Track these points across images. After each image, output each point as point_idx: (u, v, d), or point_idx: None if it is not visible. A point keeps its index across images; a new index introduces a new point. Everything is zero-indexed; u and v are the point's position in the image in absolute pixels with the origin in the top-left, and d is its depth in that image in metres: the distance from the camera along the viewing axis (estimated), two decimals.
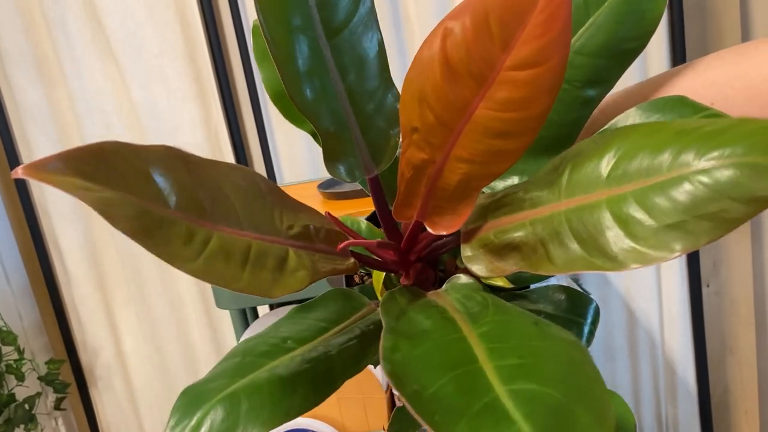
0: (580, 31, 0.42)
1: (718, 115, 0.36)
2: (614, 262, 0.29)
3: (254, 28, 0.48)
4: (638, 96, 0.45)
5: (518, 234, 0.35)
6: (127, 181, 0.27)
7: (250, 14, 1.24)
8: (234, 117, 1.29)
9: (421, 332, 0.31)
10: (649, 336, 1.31)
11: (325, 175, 1.30)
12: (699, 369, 1.30)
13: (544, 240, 0.33)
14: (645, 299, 1.29)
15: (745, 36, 1.13)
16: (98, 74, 1.29)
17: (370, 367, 0.97)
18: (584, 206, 0.31)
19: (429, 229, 0.39)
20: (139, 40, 1.25)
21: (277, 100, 0.48)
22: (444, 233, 0.38)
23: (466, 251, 0.38)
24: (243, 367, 0.34)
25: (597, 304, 0.52)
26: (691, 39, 1.16)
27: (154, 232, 0.27)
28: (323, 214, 0.41)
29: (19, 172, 0.23)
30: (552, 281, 0.57)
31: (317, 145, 1.47)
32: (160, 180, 0.29)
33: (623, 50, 0.42)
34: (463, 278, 0.38)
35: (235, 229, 0.32)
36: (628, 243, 0.29)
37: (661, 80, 0.42)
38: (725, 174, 0.26)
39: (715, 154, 0.27)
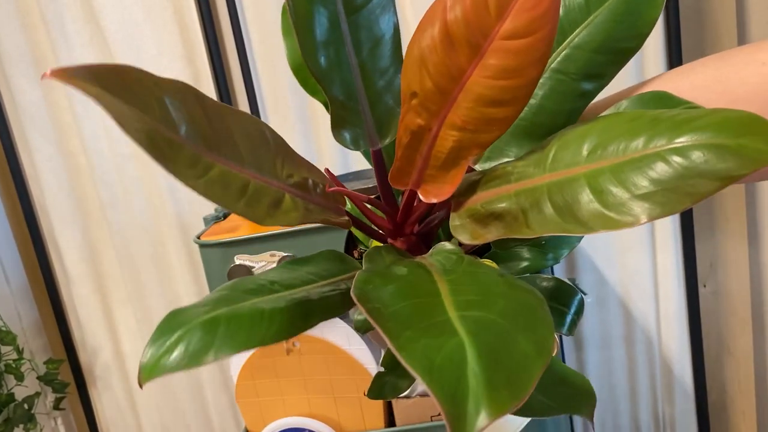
0: (580, 27, 0.45)
1: (697, 108, 0.38)
2: (584, 226, 0.32)
3: (283, 8, 0.51)
4: (628, 95, 0.47)
5: (502, 204, 0.37)
6: (141, 101, 0.29)
7: (248, 16, 1.25)
8: None
9: (396, 276, 0.34)
10: (646, 336, 1.31)
11: None
12: (696, 369, 1.31)
13: (525, 209, 0.35)
14: (642, 299, 1.29)
15: (741, 39, 1.13)
16: None
17: (367, 367, 0.97)
18: (565, 179, 0.34)
19: (421, 197, 0.41)
20: (137, 41, 1.26)
21: (297, 72, 0.51)
22: (435, 201, 0.41)
23: (454, 221, 0.40)
24: (227, 299, 0.36)
25: (582, 297, 0.54)
26: (687, 42, 1.16)
27: (161, 149, 0.29)
28: (323, 171, 0.44)
29: (48, 74, 0.26)
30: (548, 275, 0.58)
31: (314, 146, 1.47)
32: (173, 108, 0.31)
33: (620, 48, 0.44)
34: (447, 245, 0.40)
35: (236, 165, 0.35)
36: (598, 209, 0.31)
37: (649, 82, 0.44)
38: (695, 153, 0.29)
39: (686, 137, 0.30)
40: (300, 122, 1.28)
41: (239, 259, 1.06)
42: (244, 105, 1.30)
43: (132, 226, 1.35)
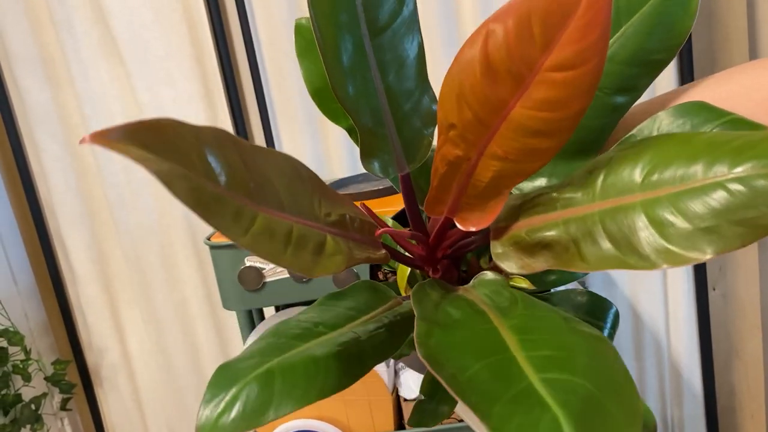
0: (612, 39, 0.43)
1: (740, 119, 0.37)
2: (646, 261, 0.30)
3: (297, 27, 0.49)
4: (662, 105, 0.46)
5: (550, 233, 0.35)
6: (182, 157, 0.28)
7: (257, 16, 1.25)
8: (240, 118, 1.29)
9: (453, 321, 0.32)
10: (655, 339, 1.31)
11: (328, 176, 1.30)
12: (705, 372, 1.31)
13: (577, 239, 0.34)
14: (651, 302, 1.29)
15: (752, 43, 1.13)
16: (105, 76, 1.29)
17: (377, 368, 0.97)
18: (618, 208, 0.32)
19: (459, 225, 0.40)
20: (146, 41, 1.25)
21: (315, 95, 0.49)
22: (473, 229, 0.39)
23: (496, 248, 0.39)
24: (276, 347, 0.35)
25: (617, 309, 0.53)
26: (698, 46, 1.16)
27: (208, 206, 0.28)
28: (358, 205, 0.42)
29: (87, 139, 0.24)
30: (569, 286, 0.58)
31: (322, 146, 1.47)
32: (212, 159, 0.30)
33: (652, 60, 0.43)
34: (489, 275, 0.39)
35: (278, 211, 0.33)
36: (661, 243, 0.29)
37: (684, 90, 0.43)
38: (760, 182, 0.27)
39: (749, 165, 0.28)
40: (308, 124, 1.27)
41: (249, 261, 1.05)
42: (252, 106, 1.30)
43: (139, 226, 1.35)
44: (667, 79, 1.17)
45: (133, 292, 1.41)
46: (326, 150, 1.29)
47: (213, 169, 0.29)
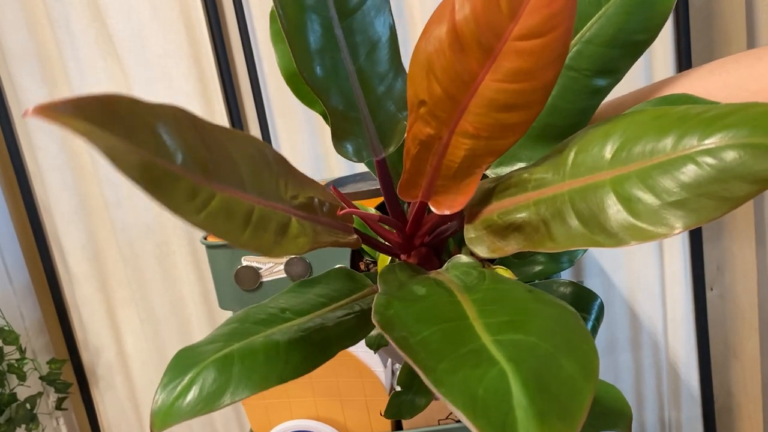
0: (591, 21, 0.43)
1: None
2: (614, 238, 0.29)
3: (271, 13, 0.49)
4: (650, 94, 0.45)
5: (521, 215, 0.35)
6: (133, 133, 0.27)
7: (254, 15, 1.24)
8: (238, 117, 1.29)
9: (416, 297, 0.32)
10: (652, 339, 1.31)
11: (327, 176, 1.29)
12: (702, 373, 1.30)
13: (547, 220, 0.33)
14: (648, 302, 1.29)
15: (751, 40, 1.13)
16: (102, 74, 1.29)
17: (374, 369, 0.97)
18: (588, 186, 0.32)
19: (433, 209, 0.39)
20: (143, 40, 1.25)
21: (290, 80, 0.49)
22: (448, 212, 0.39)
23: (469, 233, 0.38)
24: (239, 332, 0.34)
25: (602, 301, 0.53)
26: (697, 44, 1.16)
27: (158, 184, 0.27)
28: (329, 188, 0.42)
29: (29, 113, 0.23)
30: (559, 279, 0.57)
31: (320, 145, 1.46)
32: (167, 137, 0.29)
33: (633, 42, 0.42)
34: (463, 258, 0.38)
35: (239, 191, 0.32)
36: (628, 220, 0.29)
37: (673, 81, 0.42)
38: (729, 154, 0.27)
39: (719, 135, 0.27)
40: (306, 122, 1.27)
41: (246, 261, 1.05)
42: (249, 106, 1.29)
43: (136, 225, 1.35)
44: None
45: (130, 291, 1.41)
46: (324, 149, 1.28)
47: (167, 147, 0.28)
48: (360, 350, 0.91)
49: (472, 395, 0.23)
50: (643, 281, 1.27)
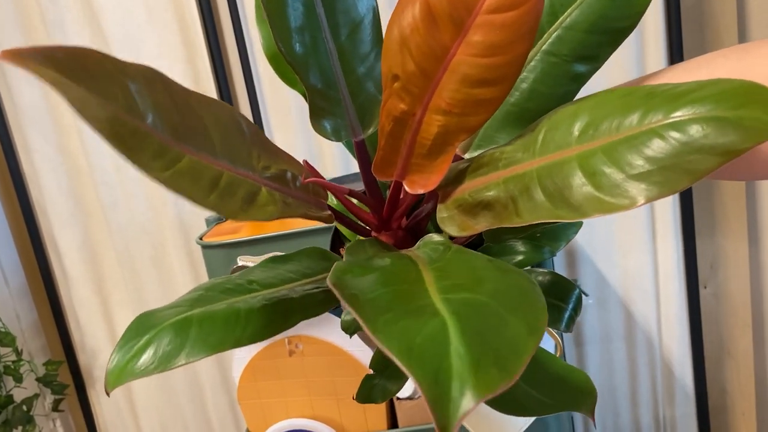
0: (572, 6, 0.43)
1: None
2: (576, 211, 0.30)
3: None
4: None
5: (491, 193, 0.35)
6: (102, 87, 0.27)
7: (249, 16, 1.25)
8: None
9: (378, 266, 0.32)
10: (646, 337, 1.31)
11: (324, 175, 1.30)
12: (696, 371, 1.31)
13: (515, 197, 0.33)
14: (642, 300, 1.29)
15: (742, 38, 1.13)
16: None
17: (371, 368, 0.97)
18: (555, 163, 0.32)
19: (407, 188, 0.39)
20: (138, 42, 1.25)
21: (272, 59, 0.49)
22: (421, 191, 0.39)
23: (441, 212, 0.38)
24: (203, 299, 0.35)
25: (580, 291, 0.52)
26: (688, 42, 1.16)
27: (126, 140, 0.27)
28: (302, 162, 0.42)
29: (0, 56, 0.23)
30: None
31: (315, 145, 1.46)
32: (137, 95, 0.29)
33: (614, 28, 0.42)
34: (435, 237, 0.38)
35: (209, 157, 0.32)
36: (591, 192, 0.29)
37: (660, 74, 0.42)
38: (693, 127, 0.27)
39: (684, 110, 0.28)
40: (301, 122, 1.27)
41: (242, 261, 1.05)
42: (245, 104, 1.30)
43: (132, 227, 1.35)
44: None
45: (126, 292, 1.41)
46: (319, 149, 1.29)
47: (137, 104, 0.28)
48: (356, 349, 0.92)
49: (409, 343, 0.23)
50: (638, 280, 1.28)
